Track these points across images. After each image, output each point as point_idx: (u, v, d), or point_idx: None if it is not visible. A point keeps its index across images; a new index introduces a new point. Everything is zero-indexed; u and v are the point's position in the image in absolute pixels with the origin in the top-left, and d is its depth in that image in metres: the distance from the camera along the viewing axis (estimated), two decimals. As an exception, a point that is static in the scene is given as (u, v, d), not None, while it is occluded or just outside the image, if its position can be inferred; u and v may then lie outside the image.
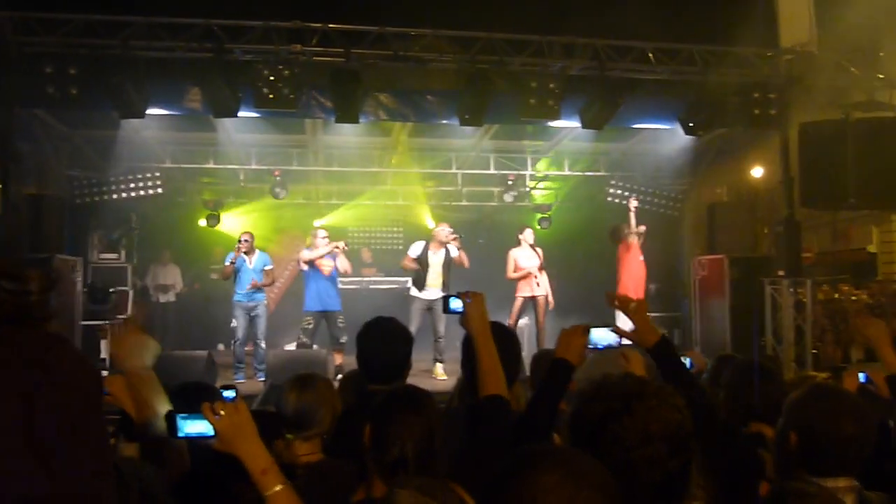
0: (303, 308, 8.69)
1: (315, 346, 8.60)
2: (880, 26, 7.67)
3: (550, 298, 9.14)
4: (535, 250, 9.07)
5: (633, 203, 9.42)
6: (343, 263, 8.59)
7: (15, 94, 7.25)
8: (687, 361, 3.73)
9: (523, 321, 9.55)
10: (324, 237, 8.60)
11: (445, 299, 2.52)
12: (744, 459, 2.43)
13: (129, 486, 1.28)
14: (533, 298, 9.00)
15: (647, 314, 2.49)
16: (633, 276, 9.23)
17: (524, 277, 8.96)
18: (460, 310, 2.43)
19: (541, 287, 9.02)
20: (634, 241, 9.28)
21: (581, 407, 1.53)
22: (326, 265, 8.50)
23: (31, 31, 7.03)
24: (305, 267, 8.58)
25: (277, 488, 1.78)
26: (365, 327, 2.89)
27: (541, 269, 9.07)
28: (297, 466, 2.37)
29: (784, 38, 7.96)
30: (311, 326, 8.50)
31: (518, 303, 9.01)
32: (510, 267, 9.03)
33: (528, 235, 9.10)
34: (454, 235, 8.63)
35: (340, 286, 8.89)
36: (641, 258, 9.32)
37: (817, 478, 1.94)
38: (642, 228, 9.33)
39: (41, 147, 9.03)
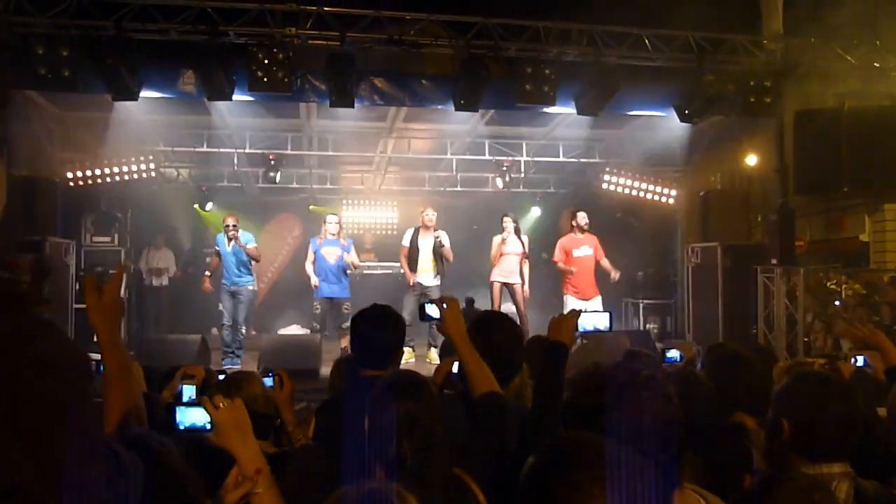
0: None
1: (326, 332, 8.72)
2: (876, 15, 7.67)
3: (526, 288, 8.99)
4: (519, 238, 8.98)
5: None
6: (351, 258, 8.63)
7: (6, 76, 7.18)
8: (677, 354, 3.76)
9: (507, 307, 9.51)
10: (332, 223, 8.62)
11: (421, 307, 2.58)
12: (731, 450, 2.45)
13: (129, 473, 1.27)
14: (509, 286, 8.90)
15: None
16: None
17: (500, 257, 8.86)
18: (437, 317, 2.47)
19: (514, 275, 8.89)
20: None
21: (574, 398, 1.53)
22: (331, 253, 8.54)
23: (23, 10, 6.96)
24: (309, 269, 8.64)
25: (268, 489, 1.78)
26: (359, 313, 2.92)
27: (523, 257, 8.97)
28: None
29: (766, 29, 7.97)
30: (317, 311, 8.60)
31: (495, 289, 8.90)
32: (494, 251, 8.92)
33: (507, 223, 8.92)
34: (436, 235, 8.63)
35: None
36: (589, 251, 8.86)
37: (813, 464, 1.96)
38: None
39: (33, 129, 8.95)
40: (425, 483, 1.82)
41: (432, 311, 2.53)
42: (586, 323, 2.84)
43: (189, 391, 2.75)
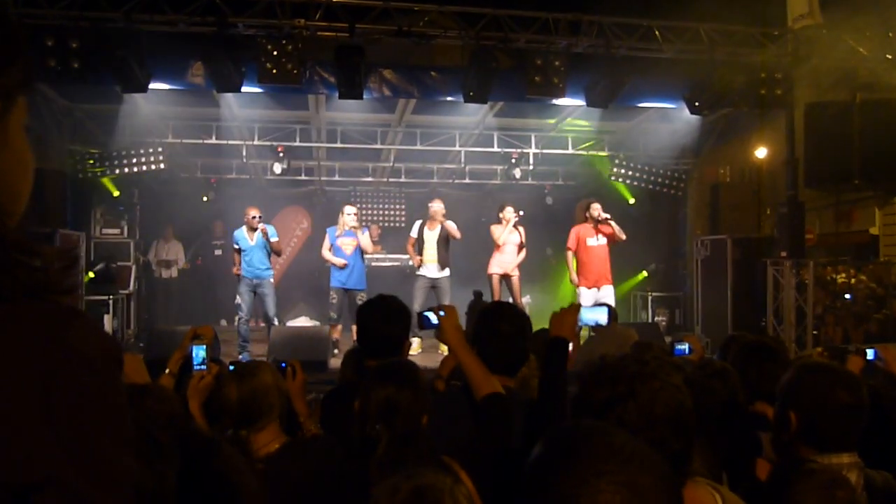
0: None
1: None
2: (888, 6, 7.60)
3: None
4: (517, 228, 8.99)
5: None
6: (365, 242, 8.61)
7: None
8: (686, 347, 3.76)
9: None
10: (351, 214, 8.58)
11: (420, 315, 2.59)
12: (742, 437, 2.45)
13: (168, 460, 1.26)
14: (506, 276, 8.94)
15: None
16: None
17: (498, 247, 8.90)
18: (435, 323, 2.47)
19: (513, 266, 8.92)
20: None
21: (584, 391, 1.50)
22: (348, 244, 8.51)
23: (33, 2, 6.96)
24: (328, 255, 8.60)
25: None
26: (364, 304, 2.95)
27: (521, 247, 9.00)
28: (258, 461, 2.31)
29: (791, 15, 7.88)
30: (334, 301, 8.59)
31: (494, 281, 8.93)
32: (496, 236, 8.92)
33: (508, 213, 8.94)
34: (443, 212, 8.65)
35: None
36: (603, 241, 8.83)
37: (821, 454, 1.97)
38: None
39: (42, 121, 8.98)
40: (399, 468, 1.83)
41: (431, 319, 2.53)
42: (586, 317, 2.87)
43: (200, 352, 2.69)
